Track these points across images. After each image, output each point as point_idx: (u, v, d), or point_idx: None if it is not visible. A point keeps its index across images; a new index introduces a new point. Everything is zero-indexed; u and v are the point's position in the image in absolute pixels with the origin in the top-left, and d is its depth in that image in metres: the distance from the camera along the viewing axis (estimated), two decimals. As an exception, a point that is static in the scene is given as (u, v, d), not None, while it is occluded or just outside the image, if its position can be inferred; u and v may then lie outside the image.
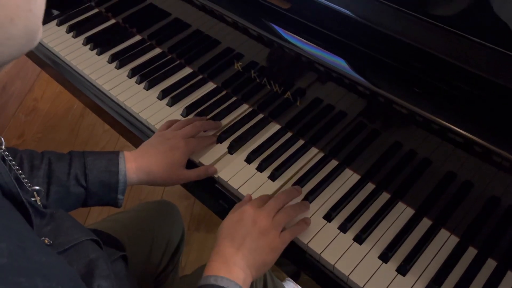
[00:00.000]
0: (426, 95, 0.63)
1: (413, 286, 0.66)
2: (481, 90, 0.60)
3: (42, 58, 1.09)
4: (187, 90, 0.96)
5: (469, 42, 0.61)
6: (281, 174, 0.81)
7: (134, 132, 0.92)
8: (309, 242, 0.71)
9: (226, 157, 0.84)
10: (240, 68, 0.88)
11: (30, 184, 0.61)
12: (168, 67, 1.02)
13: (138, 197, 1.71)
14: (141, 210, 0.98)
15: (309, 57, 0.71)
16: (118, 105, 0.96)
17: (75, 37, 1.11)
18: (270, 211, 0.67)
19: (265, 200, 0.70)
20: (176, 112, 0.93)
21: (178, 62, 1.03)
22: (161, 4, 0.98)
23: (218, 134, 0.87)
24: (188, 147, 0.80)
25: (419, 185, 0.72)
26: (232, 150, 0.85)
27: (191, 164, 0.83)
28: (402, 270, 0.68)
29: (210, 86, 0.97)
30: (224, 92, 0.96)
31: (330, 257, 0.69)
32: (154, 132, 0.89)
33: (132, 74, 1.00)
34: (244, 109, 0.93)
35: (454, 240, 0.71)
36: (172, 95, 0.95)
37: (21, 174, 0.61)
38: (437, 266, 0.68)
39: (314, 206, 0.76)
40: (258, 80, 0.86)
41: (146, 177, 0.76)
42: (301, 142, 0.85)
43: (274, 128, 0.88)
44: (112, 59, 1.04)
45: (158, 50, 1.07)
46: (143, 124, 0.93)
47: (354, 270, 0.68)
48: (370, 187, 0.78)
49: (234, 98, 0.94)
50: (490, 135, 0.58)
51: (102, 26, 1.14)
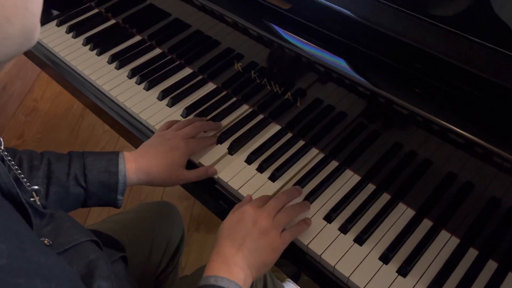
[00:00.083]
0: (426, 96, 0.63)
1: (413, 287, 0.66)
2: (481, 90, 0.60)
3: (42, 59, 1.09)
4: (187, 91, 0.96)
5: (469, 42, 0.61)
6: (281, 175, 0.80)
7: (134, 132, 0.92)
8: (309, 243, 0.71)
9: (226, 157, 0.84)
10: (240, 68, 0.88)
11: (29, 184, 0.61)
12: (168, 68, 1.02)
13: (138, 197, 1.71)
14: (141, 211, 0.98)
15: (309, 57, 0.71)
16: (118, 105, 0.96)
17: (75, 37, 1.11)
18: (270, 211, 0.67)
19: (265, 200, 0.70)
20: (176, 112, 0.93)
21: (178, 62, 1.03)
22: (161, 4, 0.98)
23: (218, 135, 0.87)
24: (188, 148, 0.80)
25: (420, 186, 0.72)
26: (232, 150, 0.85)
27: (191, 164, 0.83)
28: (403, 271, 0.68)
29: (210, 87, 0.97)
30: (224, 92, 0.96)
31: (330, 258, 0.69)
32: (154, 132, 0.89)
33: (132, 74, 1.00)
34: (244, 109, 0.92)
35: (455, 241, 0.71)
36: (172, 96, 0.95)
37: (20, 174, 0.61)
38: (438, 268, 0.68)
39: (314, 207, 0.76)
40: (258, 80, 0.86)
41: (146, 177, 0.76)
42: (301, 143, 0.85)
43: (274, 128, 0.88)
44: (112, 60, 1.04)
45: (158, 51, 1.06)
46: (143, 124, 0.93)
47: (354, 271, 0.68)
48: (370, 188, 0.78)
49: (234, 99, 0.94)
50: (491, 136, 0.58)
51: (102, 27, 1.14)
